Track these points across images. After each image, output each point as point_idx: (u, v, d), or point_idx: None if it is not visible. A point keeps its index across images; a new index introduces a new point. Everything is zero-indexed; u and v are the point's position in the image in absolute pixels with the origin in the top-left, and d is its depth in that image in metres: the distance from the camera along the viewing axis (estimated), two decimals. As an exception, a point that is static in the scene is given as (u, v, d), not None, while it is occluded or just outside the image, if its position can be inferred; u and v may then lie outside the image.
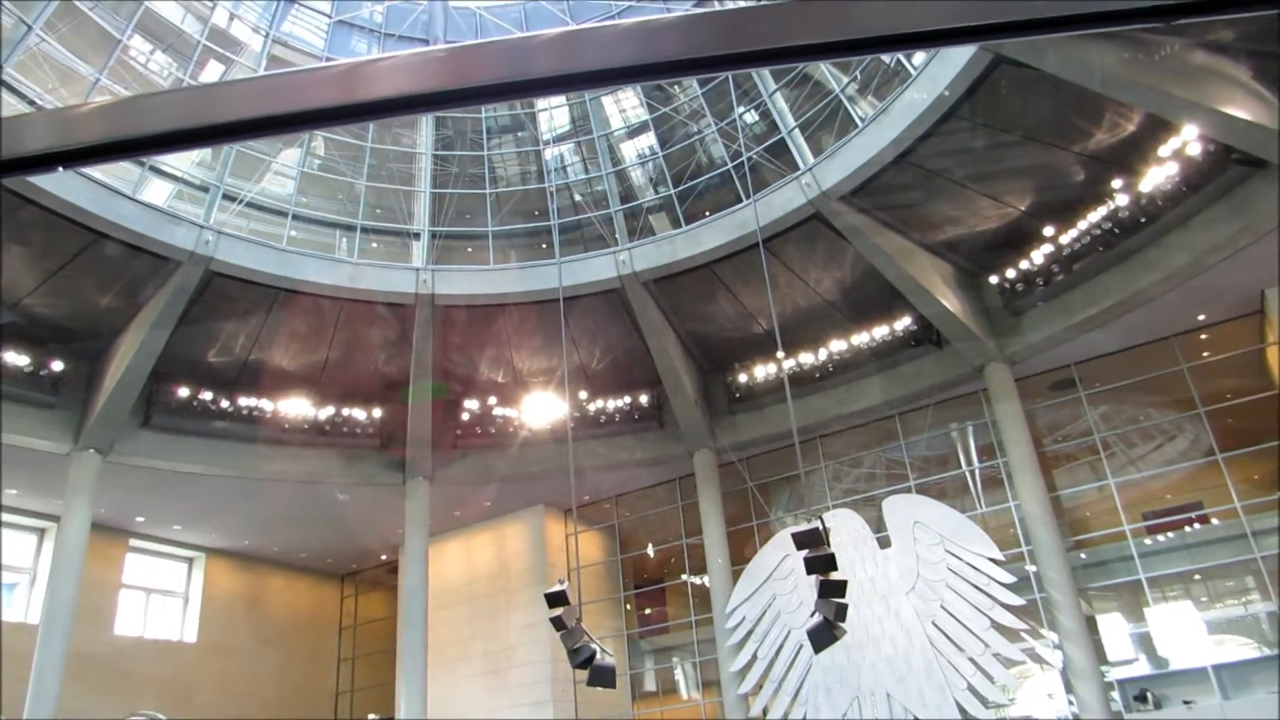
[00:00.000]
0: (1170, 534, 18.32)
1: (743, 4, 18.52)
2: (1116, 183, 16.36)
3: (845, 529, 18.31)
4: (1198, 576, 17.99)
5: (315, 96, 0.83)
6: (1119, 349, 18.51)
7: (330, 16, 23.83)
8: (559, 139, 23.95)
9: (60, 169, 0.83)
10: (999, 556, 16.99)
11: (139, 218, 17.16)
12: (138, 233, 17.02)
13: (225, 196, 19.41)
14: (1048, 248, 17.54)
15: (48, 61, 17.75)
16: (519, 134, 24.61)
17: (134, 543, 23.95)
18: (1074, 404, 19.31)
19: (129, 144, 0.84)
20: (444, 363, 21.14)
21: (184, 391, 19.49)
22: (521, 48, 0.86)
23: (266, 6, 22.98)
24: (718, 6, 20.05)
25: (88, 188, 16.39)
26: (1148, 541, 18.17)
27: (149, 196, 18.33)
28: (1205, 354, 18.20)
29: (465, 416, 21.70)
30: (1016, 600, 16.44)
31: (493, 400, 21.80)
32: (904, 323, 19.50)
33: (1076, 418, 19.41)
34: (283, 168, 21.81)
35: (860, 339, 19.97)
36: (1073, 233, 17.15)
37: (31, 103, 17.09)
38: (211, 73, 21.94)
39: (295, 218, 20.56)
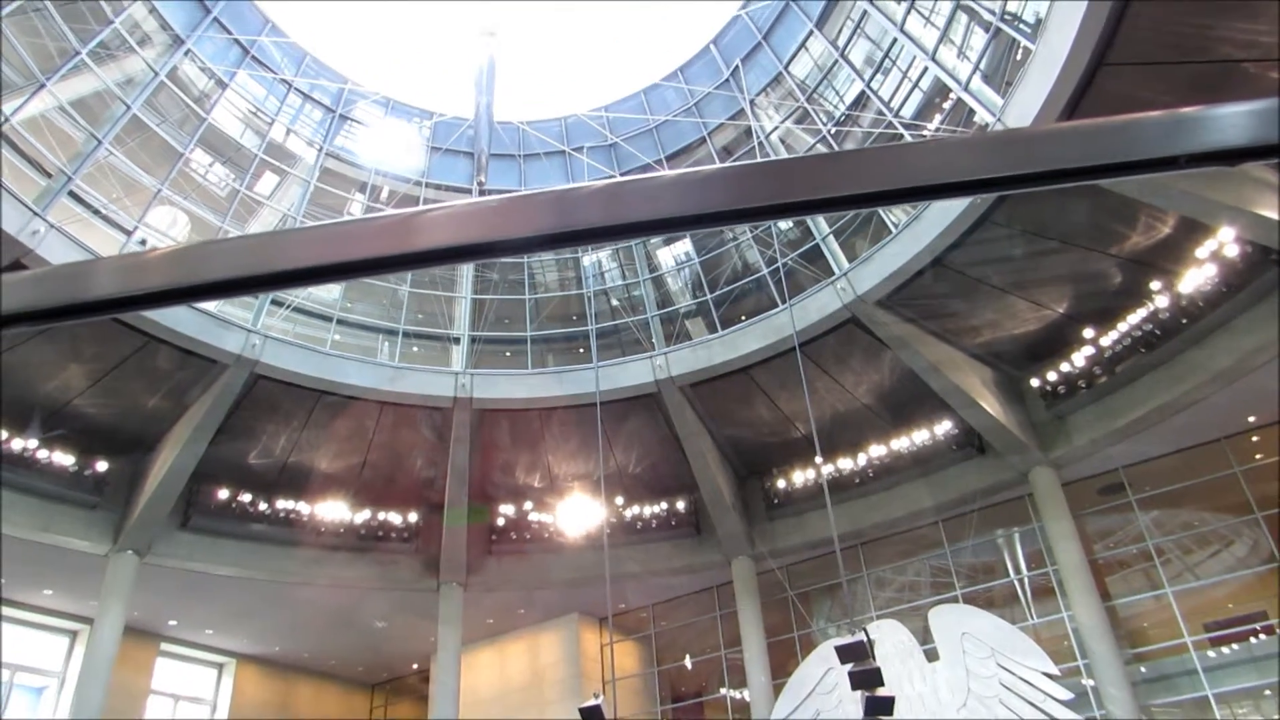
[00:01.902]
0: (1235, 646, 17.38)
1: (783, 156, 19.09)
2: (1155, 284, 16.27)
3: (890, 641, 17.62)
4: (1268, 692, 16.97)
5: (369, 246, 0.86)
6: (1168, 452, 18.03)
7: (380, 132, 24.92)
8: (597, 247, 24.49)
9: (127, 313, 0.86)
10: (1054, 671, 16.18)
11: (191, 322, 17.68)
12: (189, 337, 17.51)
13: (273, 301, 19.97)
14: (1089, 350, 17.36)
15: (114, 173, 18.69)
16: (558, 242, 25.15)
17: (165, 647, 23.74)
18: (1124, 509, 18.72)
19: (191, 290, 0.88)
20: (481, 467, 21.15)
21: (223, 493, 19.66)
22: (568, 199, 0.89)
23: (321, 122, 24.14)
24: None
25: (143, 294, 16.93)
26: (1211, 654, 17.24)
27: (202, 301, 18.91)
28: (1258, 456, 17.65)
29: (501, 521, 21.58)
30: (1075, 718, 15.58)
31: (529, 505, 21.68)
32: (944, 427, 19.23)
33: (1128, 523, 18.79)
34: (329, 275, 22.43)
35: (900, 444, 19.70)
36: (1113, 335, 16.99)
37: (96, 212, 17.94)
38: (266, 184, 22.94)
39: (339, 322, 21.06)
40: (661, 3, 26.34)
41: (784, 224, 21.91)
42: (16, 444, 17.38)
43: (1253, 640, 17.39)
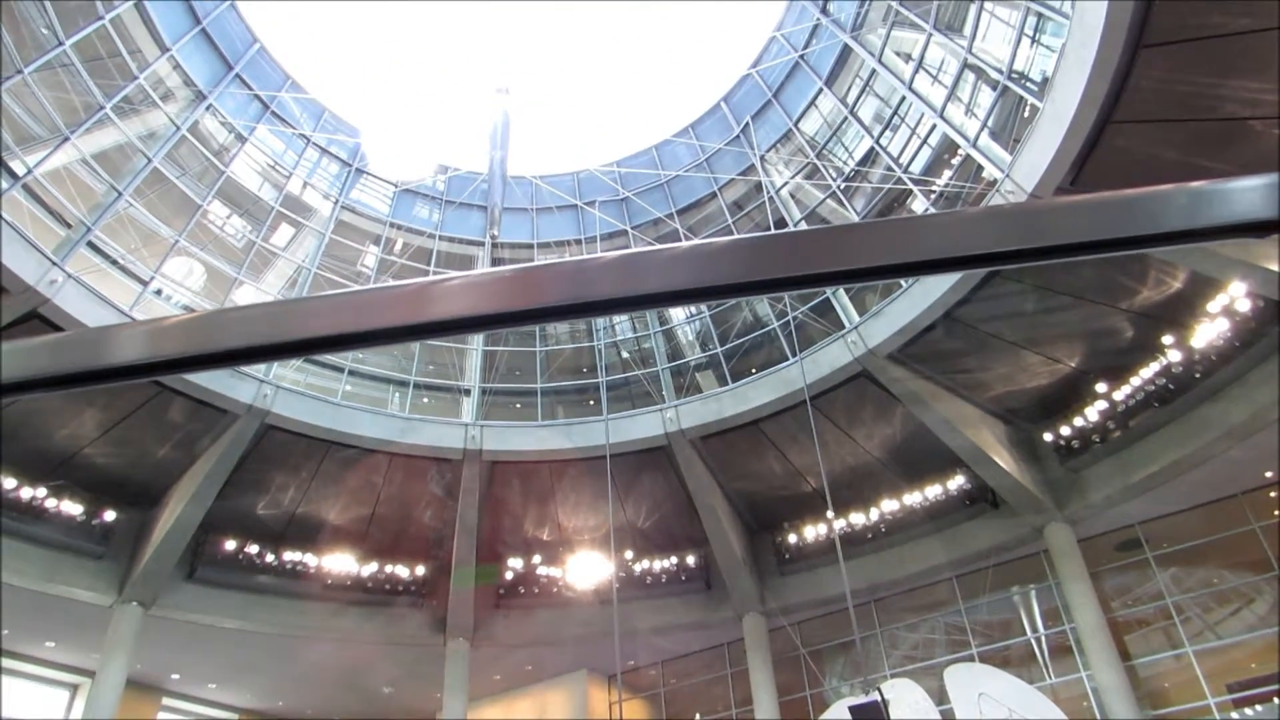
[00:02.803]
0: (1259, 707, 16.93)
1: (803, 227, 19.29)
2: (1167, 339, 16.22)
3: (905, 701, 17.25)
4: (1294, 756, 16.49)
5: (386, 316, 0.86)
6: (1185, 508, 17.80)
7: (396, 185, 25.32)
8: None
9: (143, 379, 0.86)
10: (1073, 735, 15.81)
11: (205, 373, 17.77)
12: (202, 387, 17.59)
13: (286, 353, 20.07)
14: (1102, 404, 17.25)
15: (133, 224, 18.99)
16: (569, 294, 25.35)
17: (167, 701, 23.42)
18: (1142, 566, 18.41)
19: (208, 358, 0.88)
20: (490, 520, 21.02)
21: (230, 544, 19.56)
22: (584, 270, 0.89)
23: (337, 175, 24.55)
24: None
25: (156, 344, 17.09)
26: (1235, 716, 16.80)
27: (214, 352, 19.04)
28: (1277, 513, 17.39)
29: (509, 575, 21.36)
30: (1096, 786, 15.17)
31: (538, 559, 21.49)
32: (958, 482, 19.05)
33: (1146, 580, 18.46)
34: (342, 326, 22.61)
35: (913, 498, 19.50)
36: (1126, 389, 16.89)
37: (114, 262, 18.18)
38: (282, 236, 23.25)
39: (351, 373, 21.15)
40: (673, 61, 26.84)
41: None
42: (25, 492, 17.37)
43: (1276, 701, 16.95)
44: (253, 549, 19.75)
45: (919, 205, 19.37)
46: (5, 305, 15.13)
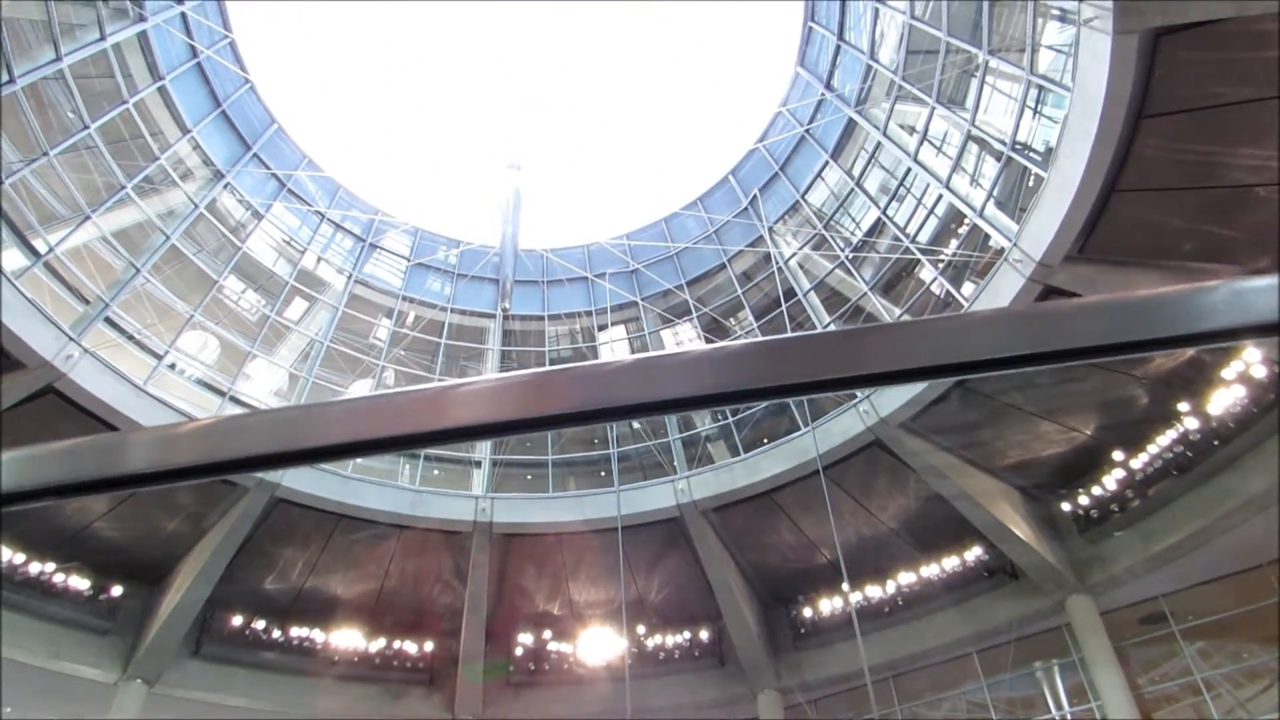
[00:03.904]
0: (1296, 790, 16.30)
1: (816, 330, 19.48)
2: (1183, 406, 16.07)
3: (927, 783, 16.69)
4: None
5: (401, 423, 0.85)
6: (1209, 579, 17.38)
7: (409, 259, 25.67)
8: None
9: (157, 486, 0.85)
10: (1104, 819, 15.21)
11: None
12: (211, 461, 17.52)
13: (297, 426, 20.09)
14: (1120, 473, 17.02)
15: (150, 300, 19.25)
16: (580, 365, 25.44)
17: (170, 783, 22.80)
18: (1168, 640, 17.92)
19: (222, 466, 0.87)
20: (500, 594, 20.71)
21: (237, 620, 19.29)
22: (600, 375, 0.88)
23: (351, 250, 24.93)
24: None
25: (168, 416, 17.21)
26: (1272, 800, 16.16)
27: (226, 426, 19.10)
28: (1305, 585, 16.98)
29: (519, 651, 20.93)
30: None
31: (548, 634, 21.08)
32: (975, 553, 18.72)
33: (1172, 655, 17.95)
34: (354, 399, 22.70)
35: (930, 570, 19.14)
36: (1144, 457, 16.69)
37: (130, 337, 18.37)
38: (296, 309, 23.50)
39: (361, 446, 21.07)
40: (681, 136, 27.40)
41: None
42: (34, 568, 17.25)
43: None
44: (259, 624, 19.47)
45: (927, 274, 19.48)
46: (22, 380, 15.27)
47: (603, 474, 21.82)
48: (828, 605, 20.15)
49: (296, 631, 19.77)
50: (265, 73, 22.84)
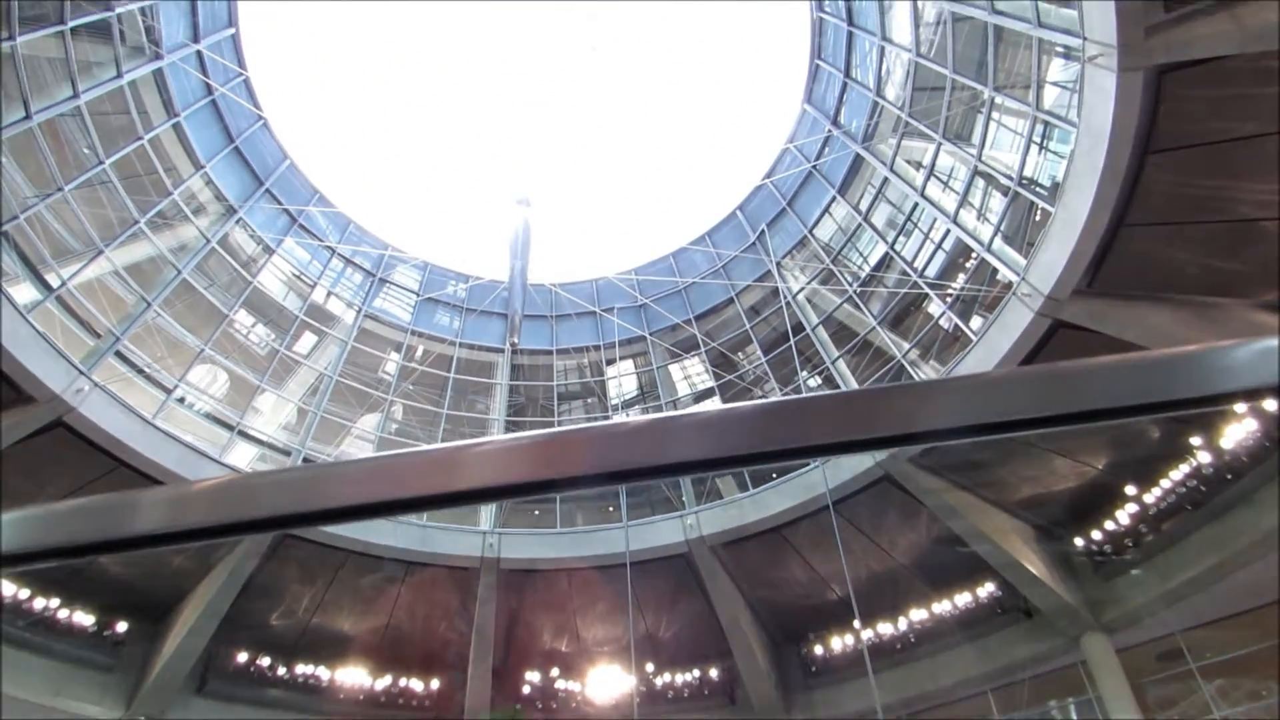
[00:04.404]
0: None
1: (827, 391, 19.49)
2: (1195, 440, 15.94)
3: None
4: None
5: (416, 485, 0.84)
6: (1227, 615, 17.11)
7: (418, 294, 25.81)
8: (627, 404, 24.65)
9: (168, 547, 0.84)
10: None
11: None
12: (220, 495, 17.50)
13: (305, 460, 20.10)
14: (1132, 507, 16.84)
15: (160, 334, 19.35)
16: (588, 400, 25.43)
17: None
18: (1186, 677, 17.60)
19: (234, 527, 0.86)
20: (507, 630, 20.53)
21: (243, 657, 19.14)
22: (611, 436, 0.87)
23: (360, 285, 25.08)
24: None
25: (176, 450, 17.22)
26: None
27: (234, 459, 19.14)
28: (1326, 622, 16.69)
29: (526, 690, 20.69)
30: None
31: (555, 672, 20.85)
32: (988, 589, 18.50)
33: (1191, 692, 17.63)
34: (363, 432, 22.72)
35: (943, 607, 18.91)
36: (1157, 491, 16.52)
37: (140, 371, 18.45)
38: (305, 343, 23.60)
39: (370, 480, 21.04)
40: (689, 172, 27.59)
41: (813, 382, 22.01)
42: (38, 603, 17.18)
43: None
44: (264, 661, 19.32)
45: (935, 308, 19.47)
46: (31, 414, 15.32)
47: (611, 509, 21.71)
48: (840, 643, 19.91)
49: (302, 669, 19.60)
50: (278, 107, 23.18)
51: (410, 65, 36.08)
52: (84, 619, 17.69)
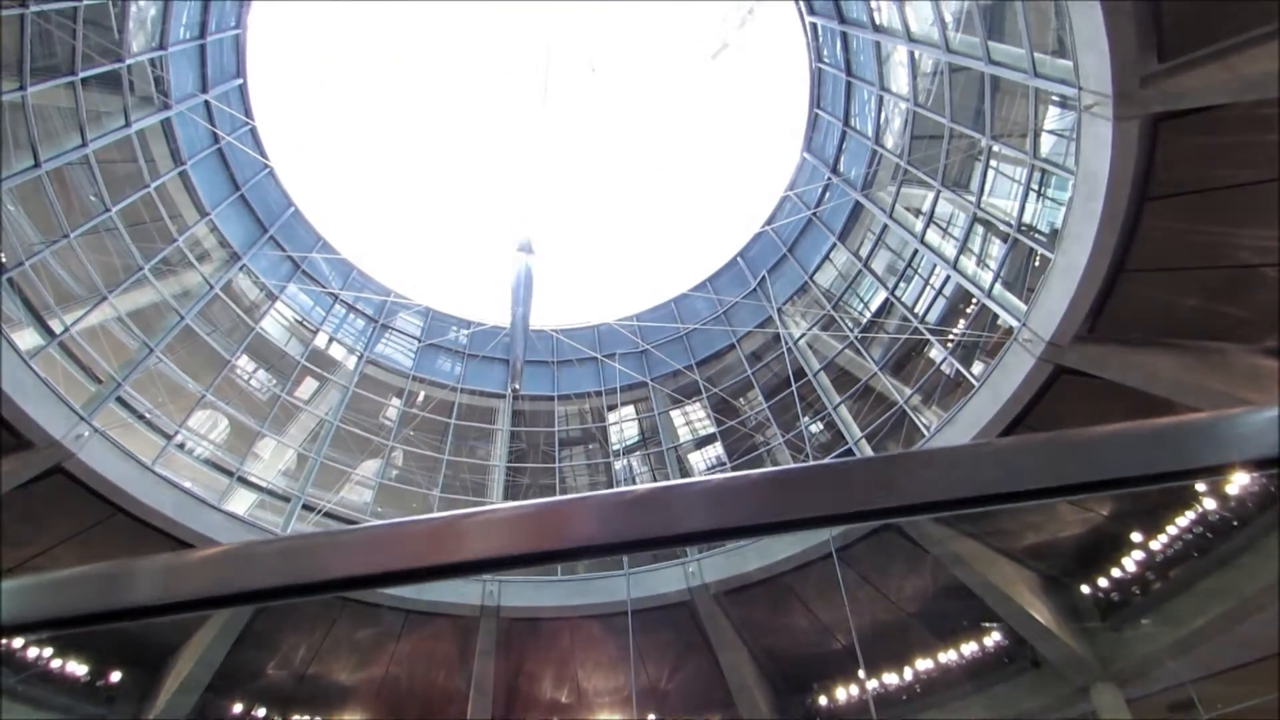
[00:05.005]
0: None
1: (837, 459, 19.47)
2: (1200, 485, 15.82)
3: None
4: None
5: (415, 555, 0.83)
6: (1239, 664, 16.82)
7: (420, 339, 25.86)
8: (628, 450, 24.55)
9: (164, 618, 0.83)
10: None
11: (220, 527, 17.66)
12: (217, 542, 17.31)
13: (304, 507, 19.98)
14: (1139, 554, 16.67)
15: (162, 379, 19.35)
16: (589, 446, 25.34)
17: None
18: (1198, 729, 17.25)
19: (231, 598, 0.85)
20: (506, 681, 20.20)
21: (238, 707, 18.83)
22: (614, 505, 0.86)
23: (363, 330, 25.14)
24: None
25: (175, 496, 17.12)
26: None
27: (233, 505, 19.02)
28: (1340, 673, 16.41)
29: (526, 740, 20.34)
30: None
31: (556, 723, 20.51)
32: (995, 639, 18.24)
33: (1204, 746, 17.26)
34: (363, 478, 22.60)
35: (949, 657, 18.63)
36: (1163, 538, 16.37)
37: (141, 416, 18.41)
38: (306, 389, 23.59)
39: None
40: (690, 218, 27.81)
41: (815, 427, 21.95)
42: (31, 651, 16.94)
43: None
44: (260, 712, 19.01)
45: (936, 354, 19.48)
46: (30, 460, 15.26)
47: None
48: (844, 692, 19.58)
49: (298, 719, 19.29)
50: (284, 155, 23.44)
51: (415, 112, 36.63)
52: (77, 669, 17.44)
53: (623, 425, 24.97)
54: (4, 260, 16.17)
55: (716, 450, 23.32)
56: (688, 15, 36.01)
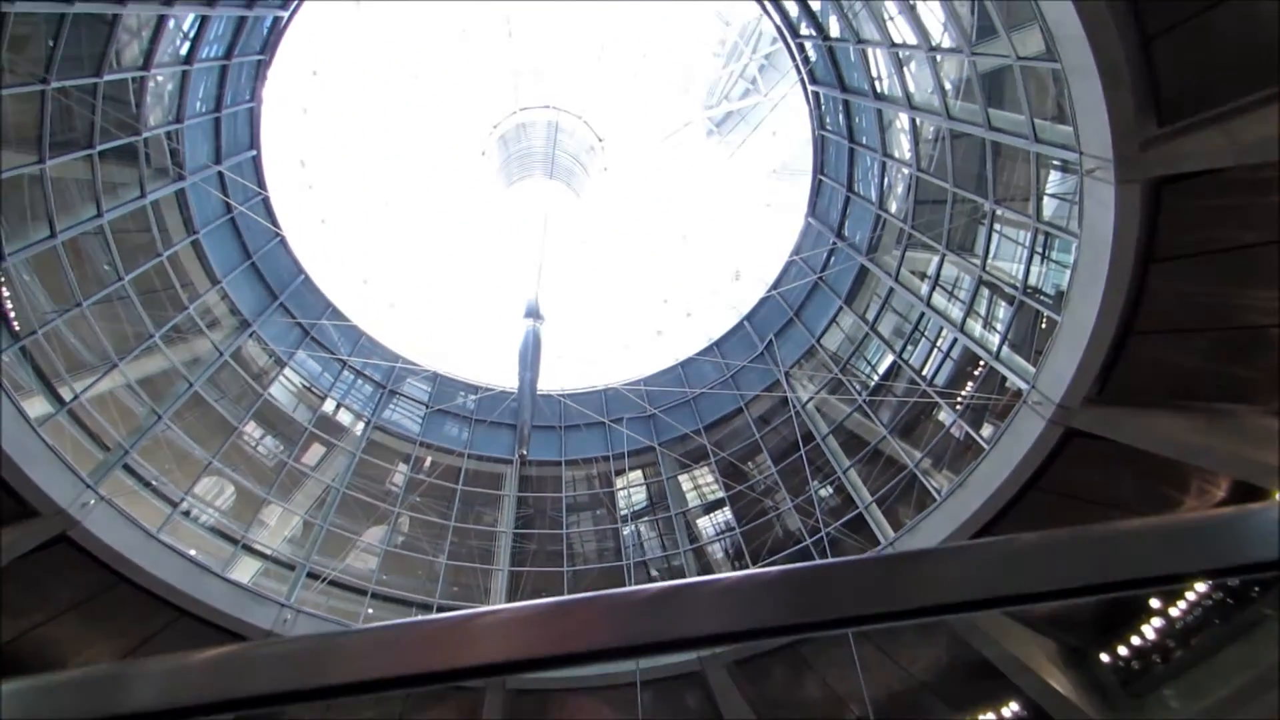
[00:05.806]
0: None
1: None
2: (1221, 552, 15.53)
3: None
4: None
5: (420, 660, 0.81)
6: (1267, 737, 16.31)
7: (427, 405, 25.86)
8: (636, 515, 24.33)
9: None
10: None
11: (224, 596, 17.45)
12: (220, 611, 17.21)
13: (309, 574, 19.76)
14: (1158, 621, 16.32)
15: (169, 446, 19.33)
16: (597, 511, 25.12)
17: None
18: (1228, 804, 16.64)
19: (233, 703, 0.82)
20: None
21: (238, 785, 18.33)
22: (626, 605, 0.84)
23: (370, 396, 25.17)
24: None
25: (179, 565, 16.96)
26: None
27: (237, 574, 18.82)
28: (1372, 744, 15.88)
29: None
30: None
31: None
32: (1013, 709, 17.75)
33: (1234, 821, 16.63)
34: (369, 546, 22.39)
35: (966, 728, 18.12)
36: (1182, 604, 16.03)
37: (147, 484, 18.35)
38: (313, 454, 23.52)
39: (373, 595, 20.66)
40: (697, 284, 28.00)
41: (824, 492, 21.74)
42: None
43: None
44: (260, 790, 18.49)
45: (945, 416, 19.38)
46: (34, 529, 15.17)
47: (620, 624, 21.12)
48: (859, 767, 19.00)
49: (298, 797, 18.74)
50: (295, 223, 23.78)
51: (425, 179, 37.28)
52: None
53: (630, 490, 24.77)
54: (18, 329, 16.31)
55: (725, 515, 23.09)
56: (692, 85, 36.84)
